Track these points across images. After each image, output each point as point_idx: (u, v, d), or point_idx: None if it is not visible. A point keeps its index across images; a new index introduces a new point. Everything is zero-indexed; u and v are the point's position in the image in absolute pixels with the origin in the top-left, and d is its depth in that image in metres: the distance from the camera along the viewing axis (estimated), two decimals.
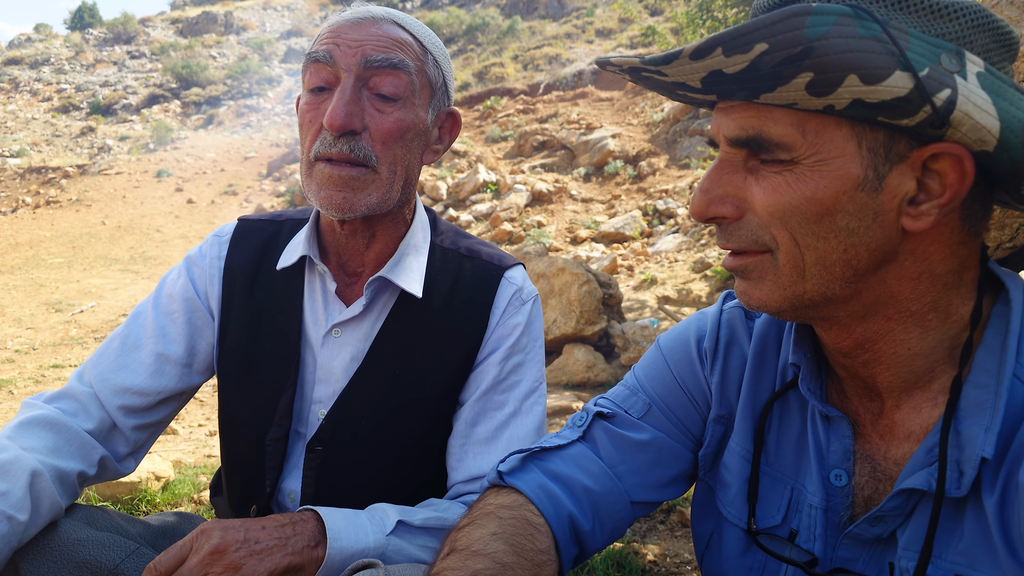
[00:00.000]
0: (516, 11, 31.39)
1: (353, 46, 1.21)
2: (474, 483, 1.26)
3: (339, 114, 1.18)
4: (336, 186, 1.21)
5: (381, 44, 1.22)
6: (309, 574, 1.04)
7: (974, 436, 0.78)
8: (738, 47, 0.72)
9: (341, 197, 1.21)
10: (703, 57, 0.74)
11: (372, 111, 1.22)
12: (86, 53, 36.24)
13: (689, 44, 0.75)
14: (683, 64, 0.77)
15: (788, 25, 0.70)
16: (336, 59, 1.20)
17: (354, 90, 1.21)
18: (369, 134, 1.22)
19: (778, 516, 0.97)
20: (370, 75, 1.21)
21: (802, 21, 0.70)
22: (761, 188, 0.81)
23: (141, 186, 19.52)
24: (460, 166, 15.37)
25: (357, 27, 1.23)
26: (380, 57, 1.21)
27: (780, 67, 0.72)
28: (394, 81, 1.22)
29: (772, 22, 0.70)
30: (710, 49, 0.73)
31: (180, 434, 4.61)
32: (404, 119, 1.24)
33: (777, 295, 0.84)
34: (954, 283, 0.83)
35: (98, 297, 9.74)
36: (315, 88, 1.23)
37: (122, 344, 1.33)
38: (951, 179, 0.76)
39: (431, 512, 1.18)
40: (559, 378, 5.91)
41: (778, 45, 0.71)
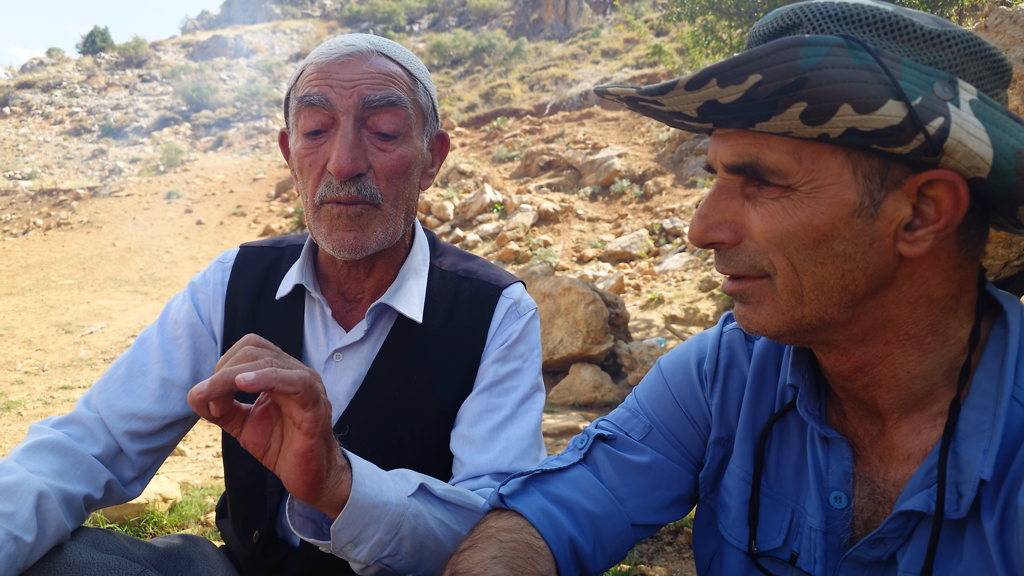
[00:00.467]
0: (522, 32, 31.66)
1: (348, 87, 1.20)
2: (472, 481, 1.25)
3: (346, 160, 1.17)
4: (346, 226, 1.22)
5: (376, 82, 1.21)
6: (329, 496, 1.00)
7: (973, 458, 0.78)
8: (732, 78, 0.73)
9: (352, 237, 1.22)
10: (698, 88, 0.76)
11: (374, 150, 1.22)
12: (98, 77, 36.70)
13: (684, 75, 0.76)
14: (679, 94, 0.78)
15: (781, 56, 0.72)
16: (332, 102, 1.19)
17: (355, 132, 1.20)
18: (373, 173, 1.22)
19: (779, 538, 0.97)
20: (368, 115, 1.21)
21: (795, 52, 0.71)
22: (759, 214, 0.82)
23: (151, 208, 19.68)
24: (467, 186, 15.45)
25: (346, 65, 1.21)
26: (378, 96, 1.20)
27: (774, 97, 0.73)
28: (392, 119, 1.22)
29: (766, 53, 0.72)
30: (705, 80, 0.75)
31: (188, 455, 4.61)
32: (405, 154, 1.25)
33: (776, 319, 0.85)
34: (952, 307, 0.83)
35: (107, 318, 9.80)
36: (311, 132, 1.22)
37: (128, 370, 1.34)
38: (946, 205, 0.77)
39: (452, 487, 1.17)
40: (566, 398, 5.90)
41: (772, 76, 0.72)
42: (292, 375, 0.88)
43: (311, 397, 0.90)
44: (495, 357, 1.33)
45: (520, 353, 1.35)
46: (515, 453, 1.25)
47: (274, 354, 0.94)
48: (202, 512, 3.29)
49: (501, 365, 1.33)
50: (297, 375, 0.88)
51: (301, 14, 45.90)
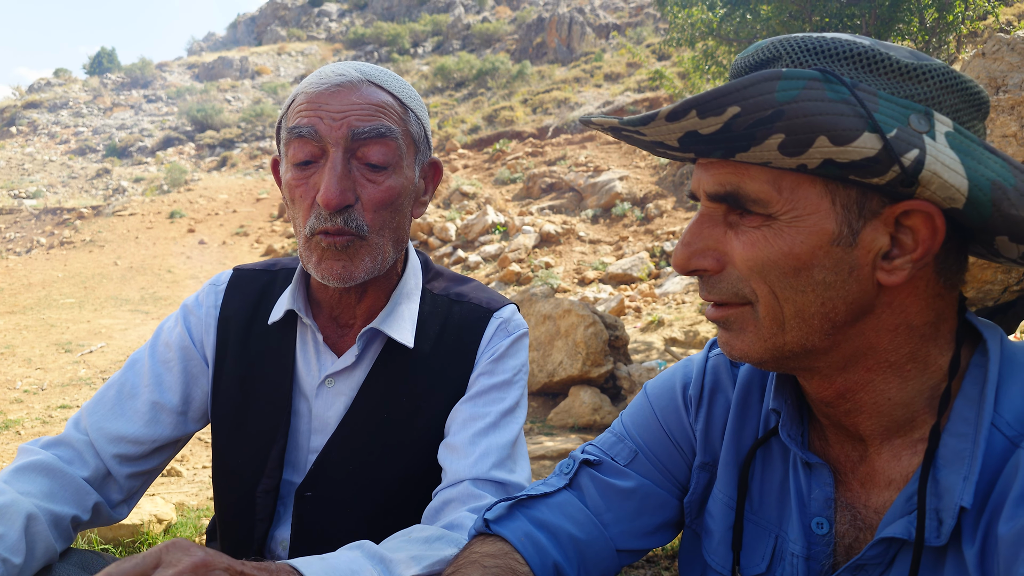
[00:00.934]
0: (526, 56, 31.93)
1: (337, 118, 1.20)
2: (453, 488, 1.23)
3: (333, 193, 1.18)
4: (335, 256, 1.23)
5: (365, 113, 1.21)
6: None
7: (953, 485, 0.79)
8: (711, 110, 0.75)
9: (341, 266, 1.23)
10: (678, 119, 0.77)
11: (363, 181, 1.23)
12: (104, 97, 37.01)
13: (665, 107, 0.78)
14: (660, 125, 0.79)
15: (759, 89, 0.73)
16: (321, 134, 1.20)
17: (344, 164, 1.20)
18: (361, 204, 1.23)
19: (763, 564, 0.97)
20: (358, 146, 1.21)
21: (772, 85, 0.73)
22: (740, 242, 0.83)
23: (154, 227, 19.74)
24: (469, 207, 15.50)
25: (336, 96, 1.22)
26: (368, 128, 1.20)
27: (752, 129, 0.75)
28: (382, 150, 1.22)
29: (744, 86, 0.73)
30: (685, 112, 0.76)
31: (184, 476, 4.60)
32: (394, 186, 1.25)
33: (758, 346, 0.86)
34: (931, 334, 0.84)
35: (107, 337, 9.81)
36: (301, 163, 1.23)
37: (118, 392, 1.34)
38: (923, 235, 0.79)
39: (426, 551, 1.09)
40: (565, 420, 5.88)
41: (750, 108, 0.74)
42: None
43: None
44: (482, 370, 1.34)
45: (507, 367, 1.35)
46: (494, 460, 1.25)
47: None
48: (197, 534, 3.28)
49: (488, 378, 1.33)
50: None
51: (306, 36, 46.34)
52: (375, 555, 1.01)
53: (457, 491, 1.22)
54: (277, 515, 1.35)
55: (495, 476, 1.23)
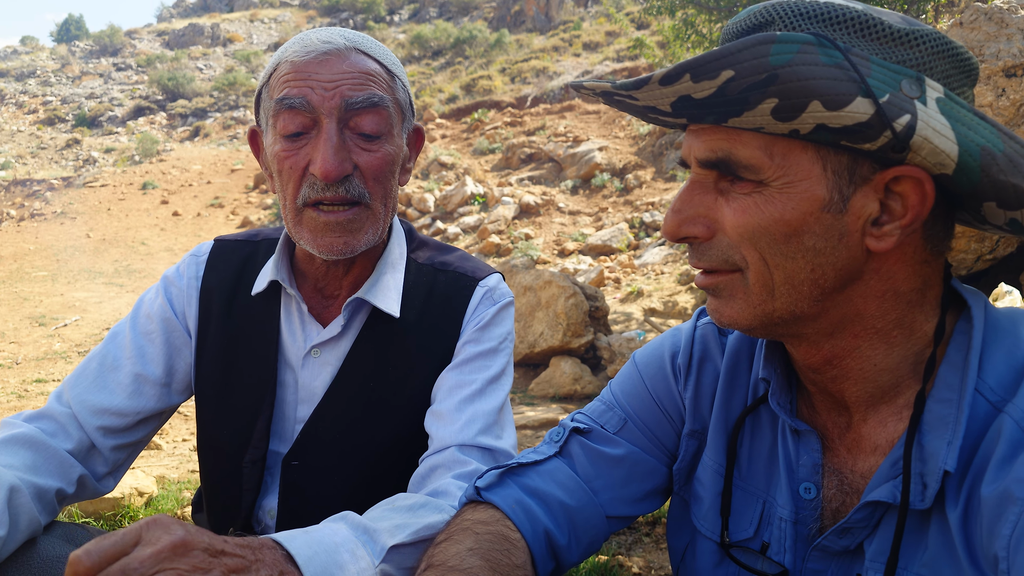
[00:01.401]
0: (504, 24, 31.57)
1: (329, 88, 1.18)
2: (440, 455, 1.23)
3: (332, 164, 1.16)
4: (334, 232, 1.21)
5: (357, 82, 1.19)
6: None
7: (937, 449, 0.80)
8: (705, 73, 0.74)
9: (342, 242, 1.22)
10: (672, 83, 0.77)
11: (358, 150, 1.21)
12: (72, 65, 36.13)
13: (658, 70, 0.77)
14: (653, 89, 0.79)
15: (753, 53, 0.72)
16: (314, 104, 1.17)
17: (339, 134, 1.19)
18: (360, 173, 1.22)
19: (750, 529, 0.99)
20: (351, 116, 1.20)
21: (767, 49, 0.72)
22: (731, 209, 0.83)
23: (126, 198, 19.43)
24: (448, 178, 15.40)
25: (325, 64, 1.19)
26: (361, 98, 1.19)
27: (746, 93, 0.74)
28: (375, 119, 1.21)
29: (738, 49, 0.73)
30: (679, 75, 0.75)
31: (164, 449, 4.58)
32: (389, 153, 1.25)
33: (747, 313, 0.86)
34: (918, 301, 0.85)
35: (82, 311, 9.68)
36: (292, 134, 1.20)
37: (100, 365, 1.33)
38: (912, 201, 0.79)
39: (410, 519, 1.07)
40: (546, 391, 5.92)
41: (744, 72, 0.73)
42: None
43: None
44: (468, 338, 1.34)
45: (493, 335, 1.35)
46: (480, 427, 1.25)
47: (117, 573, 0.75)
48: (179, 506, 3.27)
49: (474, 346, 1.33)
50: None
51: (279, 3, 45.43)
52: (359, 526, 1.00)
53: (443, 457, 1.22)
54: (264, 484, 1.34)
55: (481, 442, 1.24)
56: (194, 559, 0.78)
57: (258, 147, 1.35)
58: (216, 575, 0.78)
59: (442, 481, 1.19)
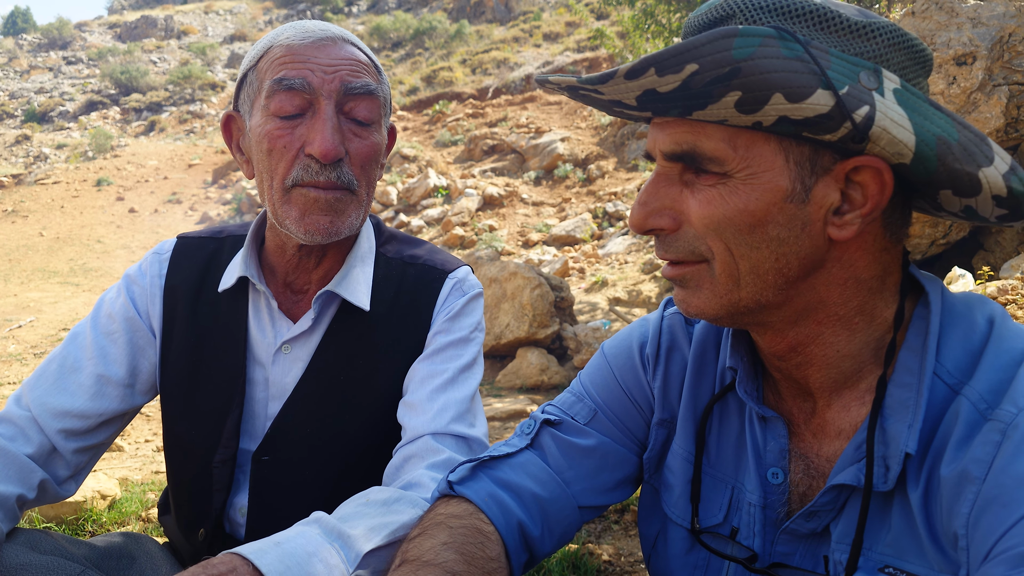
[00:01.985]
0: (463, 15, 31.41)
1: (329, 72, 1.20)
2: (413, 444, 1.23)
3: (330, 143, 1.17)
4: (323, 210, 1.21)
5: (355, 69, 1.22)
6: None
7: (898, 432, 0.82)
8: (670, 67, 0.75)
9: (328, 221, 1.22)
10: (637, 77, 0.78)
11: (350, 136, 1.23)
12: (19, 59, 35.06)
13: (623, 64, 0.77)
14: (618, 84, 0.80)
15: (716, 47, 0.74)
16: (314, 86, 1.19)
17: (336, 116, 1.21)
18: (349, 159, 1.23)
19: (720, 515, 1.00)
20: (347, 100, 1.22)
21: (729, 43, 0.73)
22: (696, 201, 0.84)
23: (80, 196, 18.95)
24: (410, 171, 15.31)
25: (324, 50, 1.21)
26: (359, 84, 1.22)
27: (710, 86, 0.75)
28: (369, 106, 1.24)
29: (701, 43, 0.74)
30: (644, 69, 0.76)
31: (126, 451, 4.49)
32: (377, 142, 1.27)
33: (714, 303, 0.88)
34: (878, 288, 0.87)
35: (36, 311, 9.44)
36: (288, 115, 1.20)
37: (60, 366, 1.30)
38: (872, 190, 0.81)
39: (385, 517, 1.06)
40: (513, 382, 5.94)
41: (707, 66, 0.74)
42: None
43: None
44: (438, 329, 1.34)
45: (463, 325, 1.36)
46: (452, 415, 1.25)
47: None
48: (143, 508, 3.22)
49: (444, 336, 1.34)
50: None
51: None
52: (333, 531, 0.98)
53: (417, 447, 1.23)
54: (235, 482, 1.33)
55: (454, 430, 1.24)
56: None
57: (231, 133, 1.33)
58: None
59: (416, 472, 1.19)
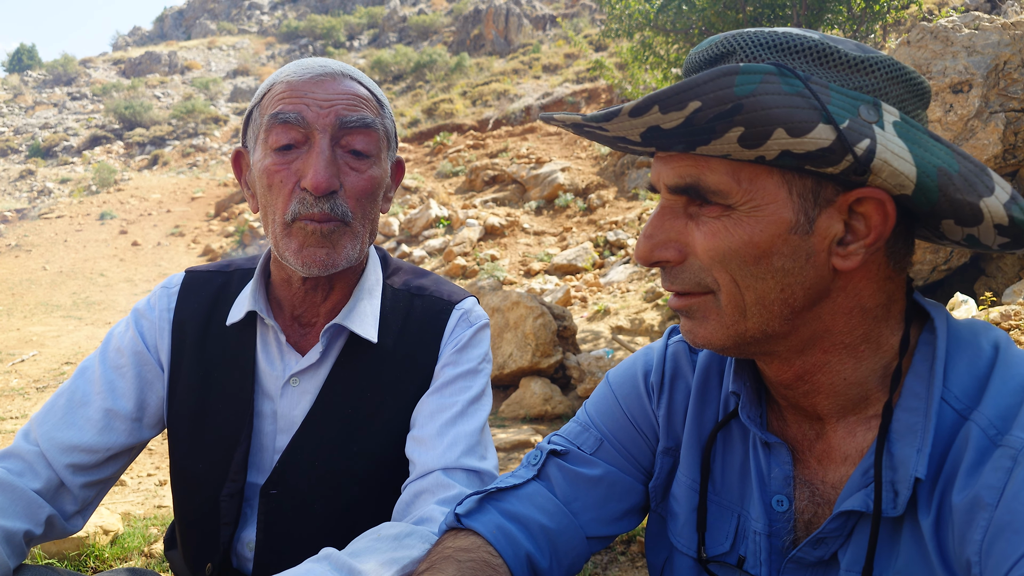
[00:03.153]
0: (463, 48, 31.79)
1: (325, 106, 1.22)
2: (423, 480, 1.23)
3: (322, 176, 1.19)
4: (319, 243, 1.23)
5: (351, 103, 1.24)
6: None
7: (907, 457, 0.83)
8: (673, 105, 0.77)
9: (324, 254, 1.23)
10: (641, 114, 0.79)
11: (347, 169, 1.24)
12: (25, 95, 35.47)
13: (628, 103, 0.79)
14: (623, 121, 0.81)
15: (718, 84, 0.75)
16: (308, 120, 1.21)
17: (331, 150, 1.22)
18: (344, 192, 1.24)
19: (726, 543, 1.00)
20: (343, 134, 1.23)
21: (731, 80, 0.75)
22: (702, 233, 0.85)
23: (84, 229, 19.05)
24: (412, 202, 15.40)
25: (320, 85, 1.23)
26: (355, 117, 1.23)
27: (713, 123, 0.77)
28: (366, 139, 1.25)
29: (704, 81, 0.75)
30: (648, 107, 0.78)
31: (129, 485, 4.47)
32: (375, 176, 1.28)
33: (720, 333, 0.89)
34: (883, 316, 0.88)
35: (40, 345, 9.44)
36: (282, 147, 1.22)
37: (69, 400, 1.30)
38: (875, 221, 0.82)
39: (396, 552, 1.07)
40: (517, 412, 5.91)
41: (710, 103, 0.76)
42: None
43: None
44: (446, 361, 1.35)
45: (471, 357, 1.36)
46: (462, 449, 1.25)
47: None
48: (145, 543, 3.19)
49: (453, 368, 1.34)
50: None
51: (238, 30, 45.22)
52: (343, 567, 0.98)
53: (427, 482, 1.22)
54: (243, 516, 1.33)
55: (465, 464, 1.24)
56: None
57: (240, 169, 1.36)
58: None
59: (427, 507, 1.19)
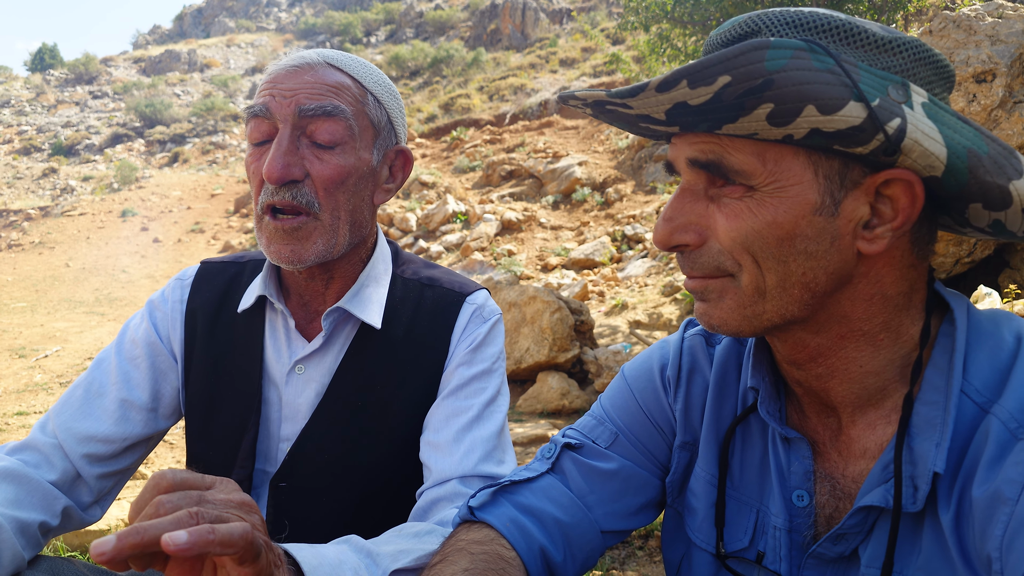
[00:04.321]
0: (480, 43, 31.78)
1: (288, 96, 1.21)
2: (441, 487, 1.22)
3: (276, 166, 1.18)
4: (282, 239, 1.23)
5: (315, 92, 1.22)
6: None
7: (926, 452, 0.81)
8: (702, 79, 0.74)
9: (289, 250, 1.23)
10: (668, 89, 0.76)
11: (311, 158, 1.23)
12: (47, 94, 35.92)
13: (655, 77, 0.76)
14: (649, 97, 0.78)
15: (749, 58, 0.72)
16: (272, 111, 1.21)
17: (291, 140, 1.21)
18: (311, 181, 1.23)
19: (745, 539, 0.98)
20: (306, 123, 1.22)
21: (762, 55, 0.72)
22: (723, 215, 0.83)
23: (105, 227, 19.28)
24: (429, 197, 15.42)
25: (292, 75, 1.23)
26: (314, 105, 1.21)
27: (742, 99, 0.74)
28: (330, 128, 1.23)
29: (734, 55, 0.73)
30: (676, 81, 0.75)
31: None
32: (344, 165, 1.24)
33: (736, 314, 0.86)
34: (904, 304, 0.86)
35: (63, 341, 9.56)
36: (258, 142, 1.24)
37: (85, 392, 1.31)
38: (903, 204, 0.80)
39: (415, 544, 1.08)
40: (534, 406, 5.91)
41: (740, 77, 0.73)
42: (231, 533, 0.71)
43: (251, 554, 0.74)
44: (460, 361, 1.33)
45: (486, 356, 1.34)
46: (480, 455, 1.24)
47: (195, 498, 0.76)
48: None
49: (467, 368, 1.32)
50: (237, 532, 0.72)
51: (256, 28, 45.51)
52: (362, 549, 1.00)
53: (445, 490, 1.21)
54: None
55: (483, 471, 1.22)
56: (255, 520, 0.80)
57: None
58: (261, 546, 0.77)
59: (445, 513, 1.19)
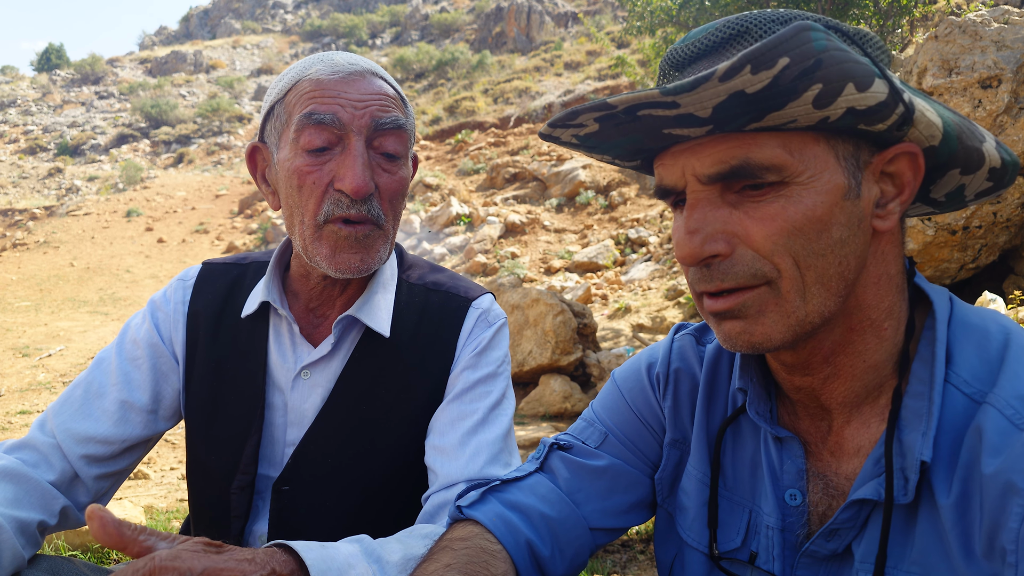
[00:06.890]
0: (485, 46, 31.81)
1: (359, 107, 1.20)
2: (447, 491, 1.22)
3: (361, 180, 1.18)
4: (353, 248, 1.22)
5: (384, 105, 1.23)
6: None
7: (913, 442, 0.81)
8: (765, 63, 0.71)
9: (358, 259, 1.23)
10: (733, 76, 0.72)
11: (379, 171, 1.24)
12: (53, 94, 36.05)
13: (717, 67, 0.72)
14: (709, 88, 0.73)
15: (800, 39, 0.71)
16: (344, 121, 1.19)
17: (366, 152, 1.21)
18: (379, 194, 1.23)
19: (738, 539, 0.98)
20: (376, 136, 1.22)
21: (808, 36, 0.71)
22: (755, 219, 0.81)
23: (110, 226, 19.34)
24: (433, 199, 15.44)
25: (352, 84, 1.22)
26: (389, 119, 1.22)
27: (796, 82, 0.72)
28: (397, 140, 1.24)
29: (788, 37, 0.70)
30: (741, 67, 0.71)
31: (152, 478, 4.53)
32: (405, 177, 1.28)
33: (781, 325, 0.83)
34: (901, 285, 0.88)
35: (66, 340, 9.59)
36: (316, 149, 1.21)
37: (85, 392, 1.31)
38: (907, 176, 0.83)
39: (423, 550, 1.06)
40: (536, 409, 5.91)
41: (797, 58, 0.71)
42: None
43: None
44: (465, 364, 1.33)
45: (491, 360, 1.34)
46: (485, 458, 1.24)
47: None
48: None
49: (472, 372, 1.32)
50: None
51: (262, 29, 45.62)
52: (372, 553, 0.98)
53: (451, 494, 1.21)
54: (255, 509, 1.33)
55: (489, 474, 1.22)
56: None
57: (256, 164, 1.34)
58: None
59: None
